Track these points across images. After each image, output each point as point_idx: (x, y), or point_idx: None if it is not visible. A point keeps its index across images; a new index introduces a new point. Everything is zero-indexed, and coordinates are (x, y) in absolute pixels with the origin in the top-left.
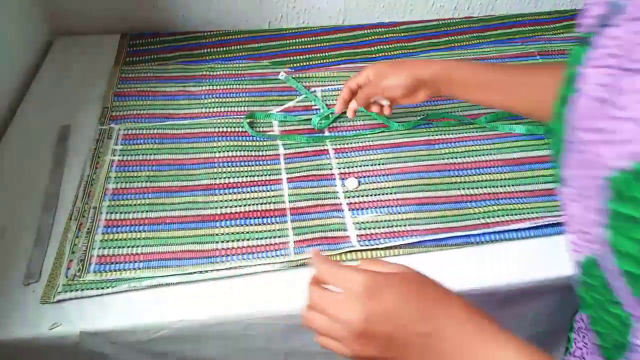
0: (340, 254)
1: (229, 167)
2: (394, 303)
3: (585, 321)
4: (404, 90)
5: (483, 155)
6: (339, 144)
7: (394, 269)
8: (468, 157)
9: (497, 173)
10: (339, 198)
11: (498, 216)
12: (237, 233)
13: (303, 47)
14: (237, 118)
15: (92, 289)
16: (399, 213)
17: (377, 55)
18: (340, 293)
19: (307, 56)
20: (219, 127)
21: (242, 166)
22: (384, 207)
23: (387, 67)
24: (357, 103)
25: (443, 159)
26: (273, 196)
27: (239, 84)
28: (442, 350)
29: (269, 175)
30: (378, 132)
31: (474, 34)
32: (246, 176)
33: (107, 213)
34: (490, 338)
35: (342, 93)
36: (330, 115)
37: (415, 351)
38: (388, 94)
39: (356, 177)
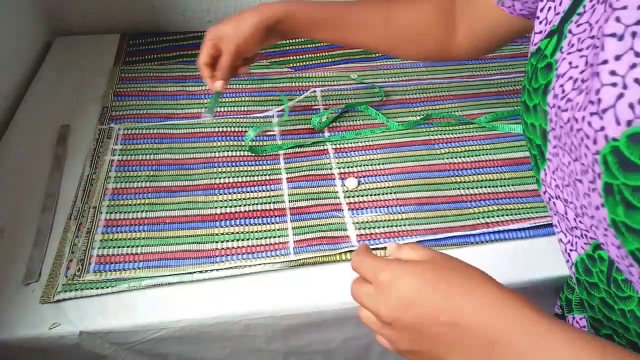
0: (340, 254)
1: (229, 167)
2: (410, 289)
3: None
4: (255, 42)
5: (483, 155)
6: (339, 144)
7: (422, 257)
8: (468, 157)
9: (497, 173)
10: (339, 198)
11: (498, 216)
12: (237, 233)
13: (303, 47)
14: (237, 118)
15: (92, 289)
16: (399, 213)
17: (377, 55)
18: (371, 286)
19: (307, 56)
20: (219, 127)
21: (242, 166)
22: (384, 207)
23: (226, 26)
24: (222, 77)
25: (443, 159)
26: (273, 196)
27: (239, 84)
28: (473, 342)
29: (269, 175)
30: (378, 132)
31: None
32: (246, 176)
33: (107, 213)
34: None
35: (203, 73)
36: (330, 116)
37: (446, 343)
38: (243, 51)
39: (356, 177)
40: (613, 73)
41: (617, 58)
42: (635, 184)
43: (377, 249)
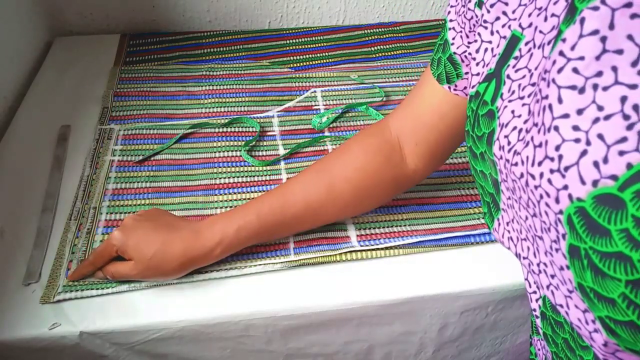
0: (340, 254)
1: (229, 167)
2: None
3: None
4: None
5: None
6: (339, 144)
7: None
8: None
9: None
10: None
11: None
12: None
13: (303, 47)
14: (237, 118)
15: (92, 289)
16: (399, 213)
17: (377, 55)
18: None
19: (307, 56)
20: (219, 127)
21: (242, 166)
22: (384, 207)
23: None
24: (110, 277)
25: None
26: None
27: (239, 84)
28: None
29: (269, 175)
30: None
31: None
32: (246, 176)
33: (106, 213)
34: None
35: (95, 261)
36: (330, 116)
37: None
38: None
39: None
40: (576, 128)
41: (579, 112)
42: (604, 250)
43: (377, 249)
